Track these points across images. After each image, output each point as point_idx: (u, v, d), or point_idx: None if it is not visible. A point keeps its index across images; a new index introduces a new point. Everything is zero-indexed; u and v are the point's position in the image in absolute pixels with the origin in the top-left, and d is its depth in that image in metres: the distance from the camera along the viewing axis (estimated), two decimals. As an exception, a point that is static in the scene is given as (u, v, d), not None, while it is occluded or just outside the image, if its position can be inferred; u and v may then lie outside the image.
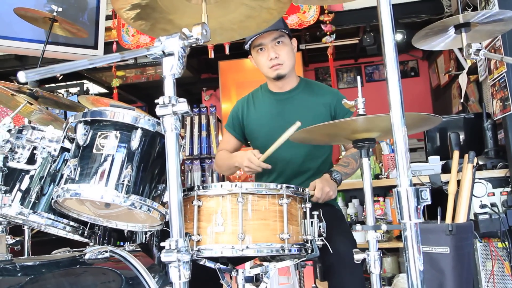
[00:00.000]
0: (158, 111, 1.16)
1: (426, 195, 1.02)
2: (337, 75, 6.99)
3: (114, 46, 4.76)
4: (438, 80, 6.04)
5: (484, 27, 1.78)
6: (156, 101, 1.17)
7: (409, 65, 6.85)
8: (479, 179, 2.94)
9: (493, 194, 2.94)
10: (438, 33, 1.84)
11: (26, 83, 2.18)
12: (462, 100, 4.48)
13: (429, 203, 1.02)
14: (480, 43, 1.72)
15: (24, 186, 1.63)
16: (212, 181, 5.46)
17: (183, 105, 1.15)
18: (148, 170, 1.49)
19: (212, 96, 7.11)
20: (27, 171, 1.63)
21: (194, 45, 1.22)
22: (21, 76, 0.92)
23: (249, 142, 2.43)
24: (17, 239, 2.23)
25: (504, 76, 3.04)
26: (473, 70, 3.88)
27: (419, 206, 1.02)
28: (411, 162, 1.05)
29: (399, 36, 5.16)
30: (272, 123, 2.26)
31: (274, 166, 2.25)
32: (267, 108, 2.31)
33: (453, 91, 5.33)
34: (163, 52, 1.17)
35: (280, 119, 2.25)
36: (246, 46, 2.26)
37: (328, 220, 1.65)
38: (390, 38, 1.07)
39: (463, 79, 4.37)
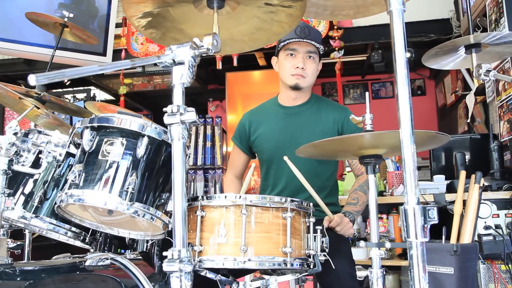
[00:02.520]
0: (166, 119, 1.16)
1: (433, 214, 1.00)
2: (344, 91, 7.00)
3: (123, 53, 4.80)
4: (444, 100, 6.04)
5: (495, 49, 1.77)
6: (164, 109, 1.16)
7: (416, 84, 6.85)
8: (484, 200, 2.91)
9: (498, 215, 2.92)
10: (448, 52, 1.83)
11: (34, 87, 2.19)
12: (468, 121, 4.47)
13: (436, 222, 1.01)
14: (490, 64, 1.71)
15: (27, 190, 1.62)
16: (215, 192, 5.44)
17: (191, 115, 1.15)
18: (152, 179, 1.48)
19: (218, 107, 7.13)
20: (31, 175, 1.63)
21: (204, 55, 1.22)
22: (32, 79, 0.92)
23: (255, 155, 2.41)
24: (18, 243, 2.22)
25: (512, 97, 3.04)
26: (480, 91, 3.88)
27: (425, 225, 1.00)
28: (417, 181, 1.05)
29: (407, 54, 5.15)
30: (280, 136, 2.25)
31: (278, 181, 2.25)
32: (275, 122, 2.30)
33: (459, 111, 5.33)
34: (174, 60, 1.17)
35: (287, 133, 2.24)
36: (280, 45, 2.24)
37: (331, 238, 1.64)
38: (402, 55, 1.07)
39: (470, 100, 4.36)
